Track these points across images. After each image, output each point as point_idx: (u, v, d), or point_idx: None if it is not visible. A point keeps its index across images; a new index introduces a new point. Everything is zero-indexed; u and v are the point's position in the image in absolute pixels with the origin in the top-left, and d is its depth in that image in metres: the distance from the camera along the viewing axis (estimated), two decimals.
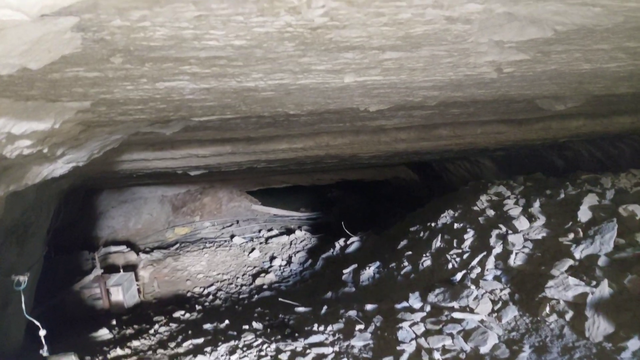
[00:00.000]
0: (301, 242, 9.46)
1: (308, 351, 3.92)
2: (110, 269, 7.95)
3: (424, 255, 5.25)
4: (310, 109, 2.61)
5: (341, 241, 8.20)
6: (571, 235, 3.96)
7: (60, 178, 3.68)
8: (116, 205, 10.55)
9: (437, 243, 5.31)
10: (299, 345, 4.09)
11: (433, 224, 5.95)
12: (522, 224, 4.52)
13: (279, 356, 3.95)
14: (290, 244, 9.44)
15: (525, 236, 4.36)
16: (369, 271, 6.07)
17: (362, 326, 4.15)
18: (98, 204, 10.07)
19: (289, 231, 10.16)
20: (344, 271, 6.48)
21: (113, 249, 8.79)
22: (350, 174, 10.82)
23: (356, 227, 8.78)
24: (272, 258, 8.90)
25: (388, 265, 5.83)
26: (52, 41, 1.14)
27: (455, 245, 4.99)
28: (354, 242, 7.98)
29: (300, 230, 10.08)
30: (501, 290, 3.84)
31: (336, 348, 3.90)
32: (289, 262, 8.67)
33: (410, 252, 5.64)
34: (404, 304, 4.32)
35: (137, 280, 7.96)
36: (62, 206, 6.28)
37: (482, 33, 1.44)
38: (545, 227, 4.36)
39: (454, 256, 4.80)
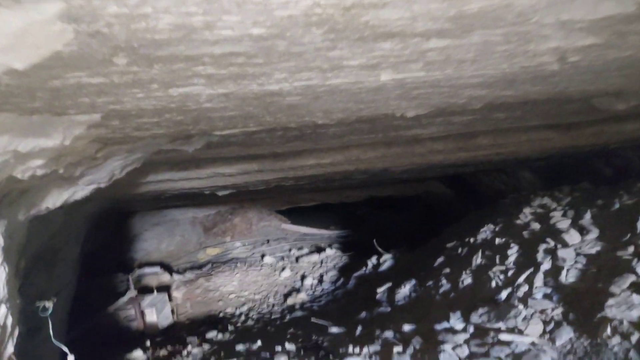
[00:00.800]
0: (332, 260, 9.20)
1: None
2: (144, 290, 7.93)
3: (464, 272, 4.93)
4: (340, 116, 2.39)
5: (373, 259, 7.92)
6: (631, 249, 3.60)
7: (86, 201, 3.57)
8: (149, 228, 10.65)
9: (477, 260, 4.98)
10: None
11: (472, 240, 5.63)
12: (572, 237, 4.16)
13: None
14: (321, 262, 9.20)
15: (577, 250, 4.00)
16: (405, 290, 5.75)
17: (400, 348, 3.88)
18: (131, 227, 10.20)
19: (319, 249, 9.92)
20: (378, 290, 6.19)
21: (147, 270, 8.79)
22: (379, 191, 10.54)
23: (388, 244, 8.49)
24: (303, 277, 8.67)
25: (424, 283, 5.51)
26: (40, 34, 0.97)
27: (497, 261, 4.65)
28: (387, 260, 7.67)
29: (331, 248, 9.84)
30: (553, 309, 3.48)
31: None
32: (320, 281, 8.42)
33: (448, 270, 5.32)
34: (445, 324, 4.03)
35: (170, 301, 7.93)
36: (94, 230, 6.26)
37: (548, 10, 1.19)
38: (600, 240, 4.00)
39: (498, 273, 4.46)
